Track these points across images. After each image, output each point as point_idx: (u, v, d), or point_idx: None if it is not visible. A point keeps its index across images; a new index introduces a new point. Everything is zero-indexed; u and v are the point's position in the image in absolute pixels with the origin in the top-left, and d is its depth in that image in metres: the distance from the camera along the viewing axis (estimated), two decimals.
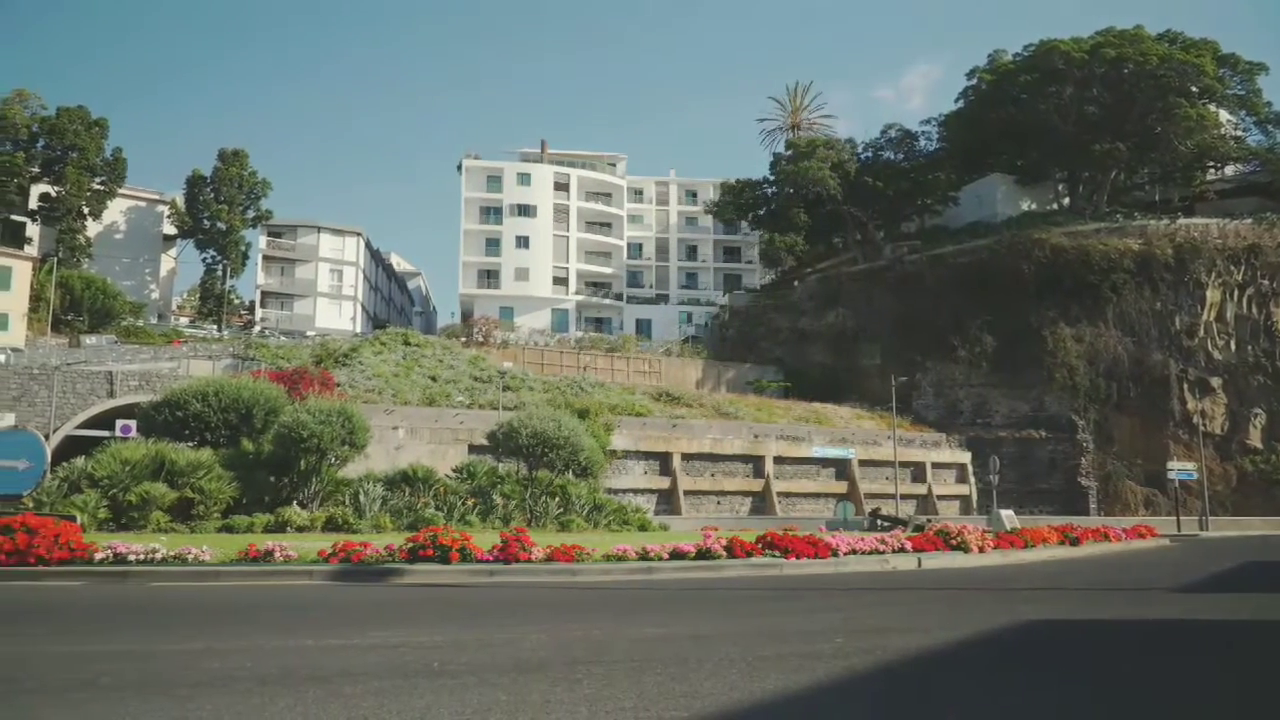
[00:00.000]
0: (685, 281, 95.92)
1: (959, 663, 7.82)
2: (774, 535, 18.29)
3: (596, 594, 13.45)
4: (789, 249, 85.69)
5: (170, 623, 9.97)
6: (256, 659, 7.20)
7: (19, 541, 13.80)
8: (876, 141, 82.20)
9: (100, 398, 44.98)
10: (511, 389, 54.24)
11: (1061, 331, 63.67)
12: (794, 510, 51.39)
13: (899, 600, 13.26)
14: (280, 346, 61.71)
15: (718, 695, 5.92)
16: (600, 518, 28.38)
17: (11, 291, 60.95)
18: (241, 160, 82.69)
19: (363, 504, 25.14)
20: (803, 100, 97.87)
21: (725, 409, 59.54)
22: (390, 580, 14.53)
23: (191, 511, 23.50)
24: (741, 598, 13.17)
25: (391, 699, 5.71)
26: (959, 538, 20.81)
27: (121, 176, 79.34)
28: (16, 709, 5.37)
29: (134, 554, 14.42)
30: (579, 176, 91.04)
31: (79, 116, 75.84)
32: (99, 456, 24.56)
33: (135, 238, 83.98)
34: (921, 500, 56.16)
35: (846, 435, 58.04)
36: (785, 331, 75.78)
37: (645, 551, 16.76)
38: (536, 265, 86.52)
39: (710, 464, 52.65)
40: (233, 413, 28.18)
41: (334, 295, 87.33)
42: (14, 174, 73.13)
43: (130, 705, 5.49)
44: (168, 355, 56.75)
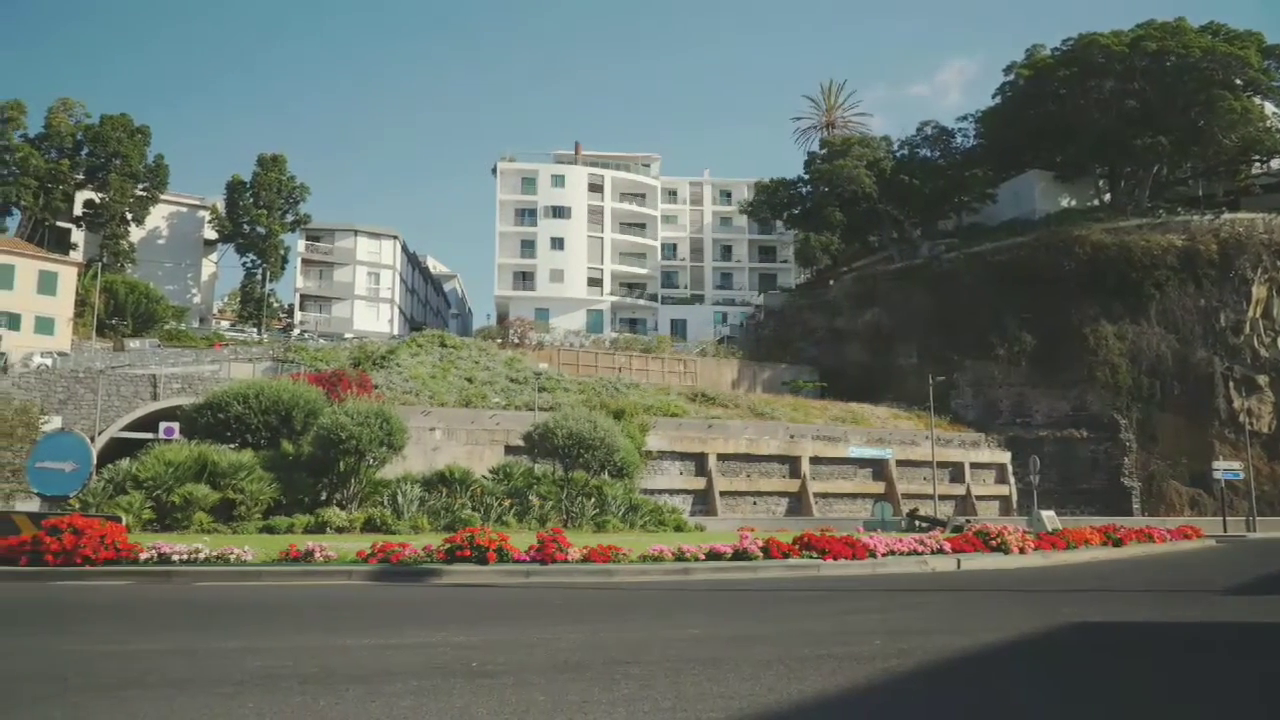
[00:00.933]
0: (720, 281, 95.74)
1: (1000, 665, 7.72)
2: (811, 536, 18.18)
3: (633, 595, 13.45)
4: (824, 248, 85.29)
5: (214, 622, 10.11)
6: (298, 658, 7.28)
7: (66, 542, 14.05)
8: (912, 139, 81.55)
9: (144, 400, 45.74)
10: (547, 390, 54.43)
11: (1103, 329, 62.73)
12: (831, 511, 51.09)
13: (938, 602, 13.12)
14: (319, 349, 62.41)
15: (756, 697, 5.89)
16: (636, 518, 28.39)
17: (57, 297, 62.18)
18: (280, 165, 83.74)
19: (401, 505, 25.34)
20: (837, 99, 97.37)
21: (761, 409, 59.32)
22: (428, 581, 14.63)
23: (233, 512, 23.83)
24: (779, 599, 13.11)
25: (430, 698, 5.74)
26: (999, 539, 20.56)
27: (163, 183, 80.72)
28: (67, 707, 5.48)
29: (178, 554, 14.65)
30: (613, 177, 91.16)
31: (122, 124, 77.22)
32: (143, 458, 24.99)
33: (177, 243, 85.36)
34: (960, 501, 55.61)
35: (883, 435, 57.60)
36: (821, 331, 75.36)
37: (681, 552, 16.73)
38: (571, 266, 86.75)
39: (746, 464, 52.49)
40: (273, 415, 28.52)
41: (371, 298, 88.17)
42: (59, 181, 74.66)
43: (176, 703, 5.58)
44: (209, 358, 57.58)
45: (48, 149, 76.00)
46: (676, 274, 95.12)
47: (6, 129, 74.58)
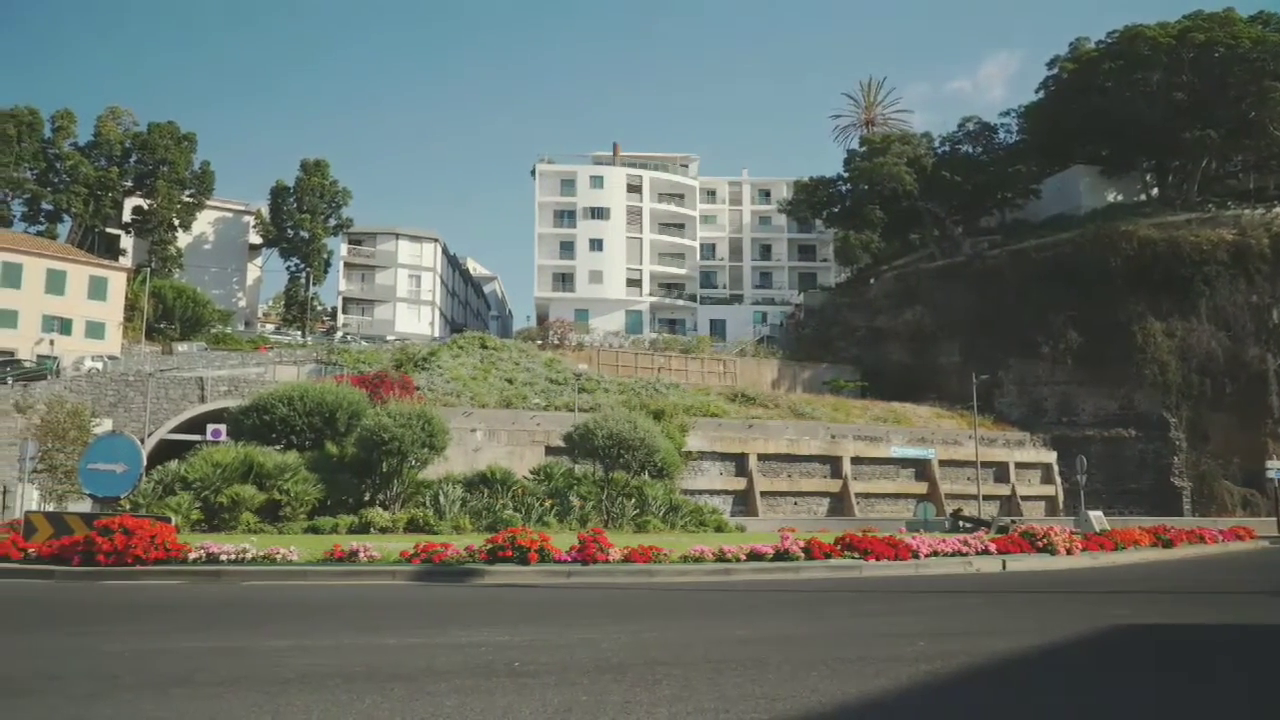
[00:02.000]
0: (759, 281, 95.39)
1: (1048, 668, 7.61)
2: (853, 537, 18.06)
3: (674, 595, 13.44)
4: (864, 246, 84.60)
5: (261, 621, 10.26)
6: (343, 657, 7.37)
7: (118, 542, 14.33)
8: (954, 135, 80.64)
9: (192, 403, 46.55)
10: (587, 391, 54.58)
11: (1151, 326, 61.56)
12: (872, 511, 50.68)
13: (983, 603, 12.97)
14: (361, 351, 63.14)
15: (798, 698, 5.86)
16: (676, 519, 28.36)
17: (108, 302, 63.51)
18: (323, 170, 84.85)
19: (443, 505, 25.52)
20: (877, 95, 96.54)
21: (801, 409, 59.00)
22: (471, 581, 14.73)
23: (279, 513, 24.17)
24: (820, 600, 13.04)
25: (474, 698, 5.78)
26: (1045, 539, 20.28)
27: (209, 189, 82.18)
28: (119, 704, 5.59)
29: (226, 554, 14.90)
30: (651, 178, 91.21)
31: (169, 131, 78.71)
32: (191, 460, 25.44)
33: (223, 248, 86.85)
34: (1005, 501, 54.90)
35: (926, 435, 57.03)
36: (861, 330, 74.77)
37: (722, 553, 16.69)
38: (610, 267, 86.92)
39: (787, 465, 52.24)
40: (317, 416, 28.87)
41: (412, 300, 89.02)
42: (109, 189, 76.25)
43: (225, 701, 5.66)
44: (255, 361, 58.46)
45: (97, 157, 77.69)
46: (715, 274, 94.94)
47: (57, 138, 76.37)
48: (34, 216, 75.16)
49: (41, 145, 75.21)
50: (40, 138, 75.31)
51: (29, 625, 9.82)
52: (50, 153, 75.58)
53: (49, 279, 60.74)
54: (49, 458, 34.06)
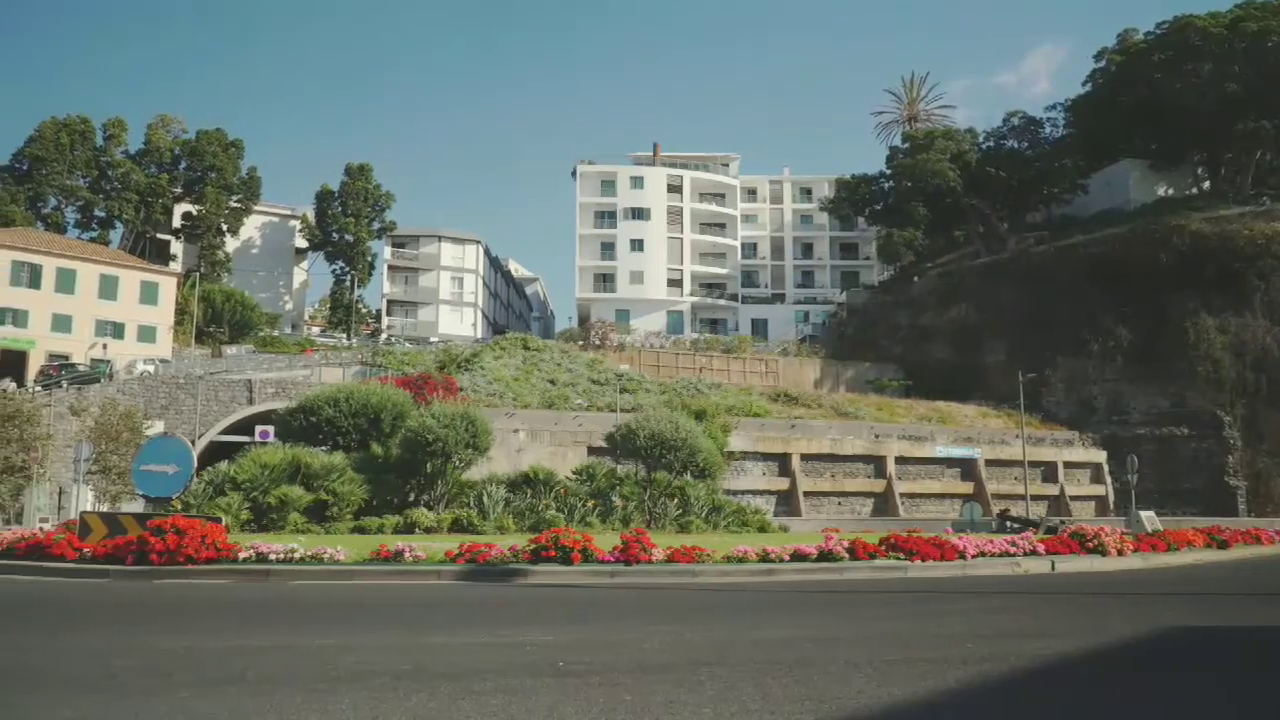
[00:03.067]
0: (801, 280, 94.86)
1: (1100, 671, 7.48)
2: (898, 537, 17.88)
3: (717, 595, 13.41)
4: (908, 244, 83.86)
5: (310, 620, 10.40)
6: (391, 655, 7.45)
7: (170, 542, 14.61)
8: (998, 130, 79.60)
9: (240, 405, 47.33)
10: (628, 391, 54.65)
11: (1204, 322, 60.25)
12: (917, 512, 50.21)
13: (1031, 605, 12.79)
14: (405, 353, 63.80)
15: (844, 700, 5.82)
16: (719, 519, 28.30)
17: (159, 306, 64.78)
18: (366, 174, 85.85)
19: (486, 506, 25.71)
20: (919, 91, 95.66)
21: (844, 409, 58.60)
22: (515, 580, 14.81)
23: (326, 513, 24.49)
24: (865, 600, 12.94)
25: (519, 697, 5.81)
26: (1095, 540, 19.92)
27: (256, 194, 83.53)
28: (173, 702, 5.70)
29: (274, 553, 15.13)
30: (691, 178, 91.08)
31: (216, 138, 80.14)
32: (240, 461, 25.87)
33: (270, 252, 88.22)
34: (1053, 501, 54.07)
35: (971, 434, 56.35)
36: (905, 328, 74.09)
37: (766, 553, 16.62)
38: (651, 268, 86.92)
39: (830, 465, 51.91)
40: (362, 418, 29.21)
41: (455, 302, 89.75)
42: (159, 195, 77.83)
43: (275, 699, 5.75)
44: (301, 363, 59.31)
45: (148, 164, 79.32)
46: (757, 273, 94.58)
47: (109, 146, 78.09)
48: (87, 223, 76.93)
49: (94, 153, 76.94)
50: (93, 146, 77.05)
51: (86, 624, 10.05)
52: (102, 160, 77.29)
53: (102, 284, 62.09)
54: (103, 459, 34.82)
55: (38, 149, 73.55)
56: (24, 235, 63.21)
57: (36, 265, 59.41)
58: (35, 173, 73.24)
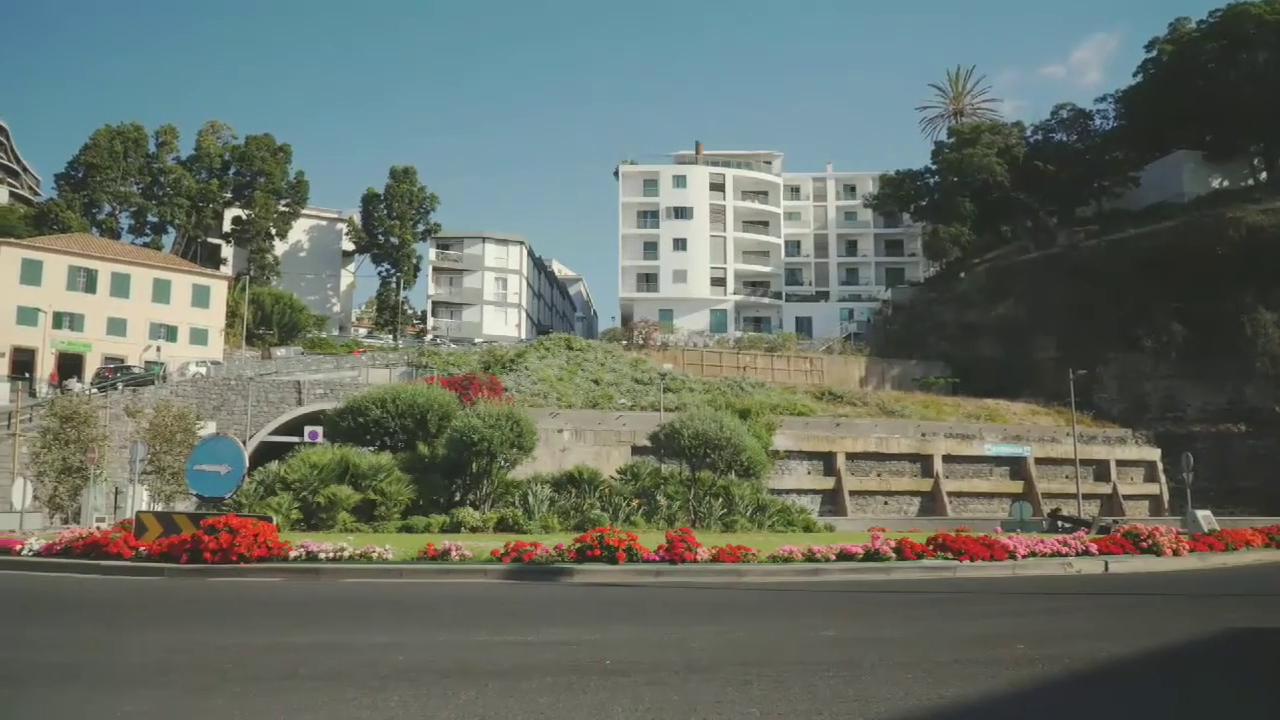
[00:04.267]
0: (845, 277, 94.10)
1: (1157, 673, 7.33)
2: (946, 536, 17.65)
3: (763, 595, 13.34)
4: (954, 240, 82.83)
5: (359, 618, 10.52)
6: (438, 653, 7.51)
7: (223, 541, 14.87)
8: (1046, 123, 78.40)
9: (290, 406, 48.05)
10: (672, 390, 54.62)
11: (1261, 317, 58.78)
12: (965, 511, 49.61)
13: (1084, 606, 12.56)
14: (450, 354, 64.35)
15: (893, 701, 5.76)
16: (764, 518, 28.17)
17: (210, 309, 65.96)
18: (411, 177, 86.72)
19: (531, 505, 25.84)
20: (965, 85, 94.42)
21: (890, 407, 58.07)
22: (560, 579, 14.85)
23: (374, 512, 24.79)
24: (913, 601, 12.79)
25: (566, 695, 5.83)
26: (1150, 540, 19.50)
27: (304, 198, 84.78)
28: (229, 698, 5.80)
29: (324, 552, 15.32)
30: (734, 176, 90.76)
31: (265, 144, 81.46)
32: (290, 461, 26.27)
33: (317, 255, 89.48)
34: (1106, 500, 53.13)
35: (1021, 432, 55.54)
36: (952, 325, 73.22)
37: (811, 553, 16.50)
38: (694, 267, 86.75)
39: (876, 463, 51.46)
40: (409, 418, 29.51)
41: (499, 303, 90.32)
42: (210, 200, 79.31)
43: (327, 695, 5.83)
44: (349, 365, 60.07)
45: (199, 170, 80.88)
46: (800, 271, 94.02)
47: (161, 153, 79.75)
48: (140, 229, 78.62)
49: (146, 160, 78.63)
50: (145, 153, 78.74)
51: (142, 621, 10.26)
52: (155, 167, 78.95)
53: (155, 288, 63.35)
54: (157, 459, 35.50)
55: (92, 157, 75.32)
56: (80, 241, 64.74)
57: (92, 270, 60.79)
58: (90, 180, 75.00)
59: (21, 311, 56.36)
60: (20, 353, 56.26)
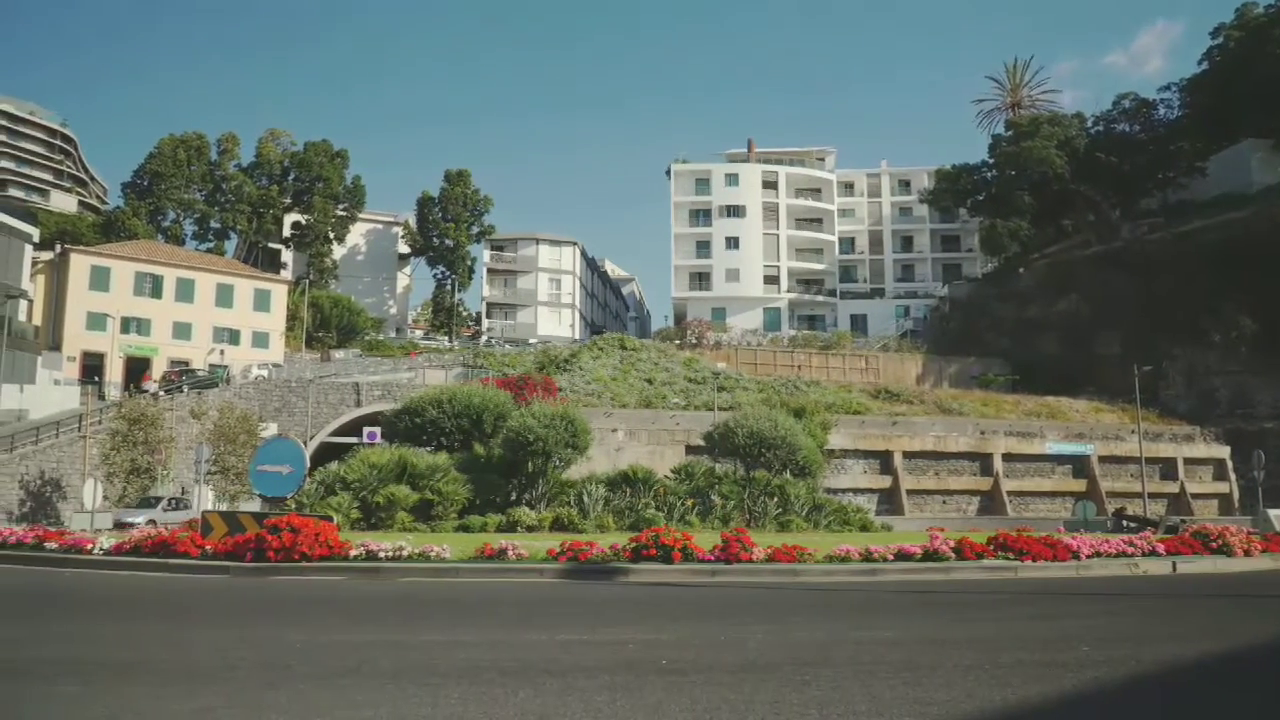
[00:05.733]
0: (900, 274, 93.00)
1: (1227, 676, 7.12)
2: (1007, 536, 17.35)
3: (820, 595, 13.24)
4: (1012, 235, 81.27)
5: (419, 616, 10.65)
6: (497, 651, 7.57)
7: (285, 540, 15.15)
8: (1108, 114, 76.54)
9: (349, 407, 48.81)
10: (726, 389, 54.43)
11: None
12: (1026, 510, 48.70)
13: (1151, 607, 12.26)
14: (505, 354, 64.87)
15: (954, 703, 5.67)
16: (820, 518, 27.98)
17: (271, 313, 67.29)
18: (465, 179, 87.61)
19: (586, 505, 25.95)
20: (1023, 77, 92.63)
21: (948, 405, 57.24)
22: (616, 579, 14.88)
23: (431, 512, 25.09)
24: (974, 601, 12.60)
25: (624, 695, 5.83)
26: (1219, 539, 18.97)
27: (361, 202, 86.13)
28: (293, 694, 5.90)
29: (384, 551, 15.54)
30: (787, 173, 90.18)
31: (323, 149, 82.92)
32: (350, 461, 26.71)
33: (374, 258, 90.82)
34: (1173, 499, 51.79)
35: (1083, 430, 54.36)
36: (1011, 322, 71.92)
37: (869, 552, 16.33)
38: (747, 265, 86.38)
39: (934, 462, 50.77)
40: (464, 418, 29.83)
41: (553, 304, 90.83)
42: (270, 206, 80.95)
43: (388, 691, 5.91)
44: (405, 366, 60.86)
45: (259, 176, 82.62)
46: (855, 268, 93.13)
47: (223, 160, 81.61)
48: (203, 235, 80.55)
49: (209, 167, 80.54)
50: (208, 160, 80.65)
51: (208, 618, 10.49)
52: (217, 174, 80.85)
53: (218, 293, 64.81)
54: (221, 460, 36.35)
55: (157, 165, 77.35)
56: (146, 248, 66.49)
57: (158, 276, 62.37)
58: (155, 188, 77.04)
59: (91, 317, 58.03)
60: (90, 357, 57.94)
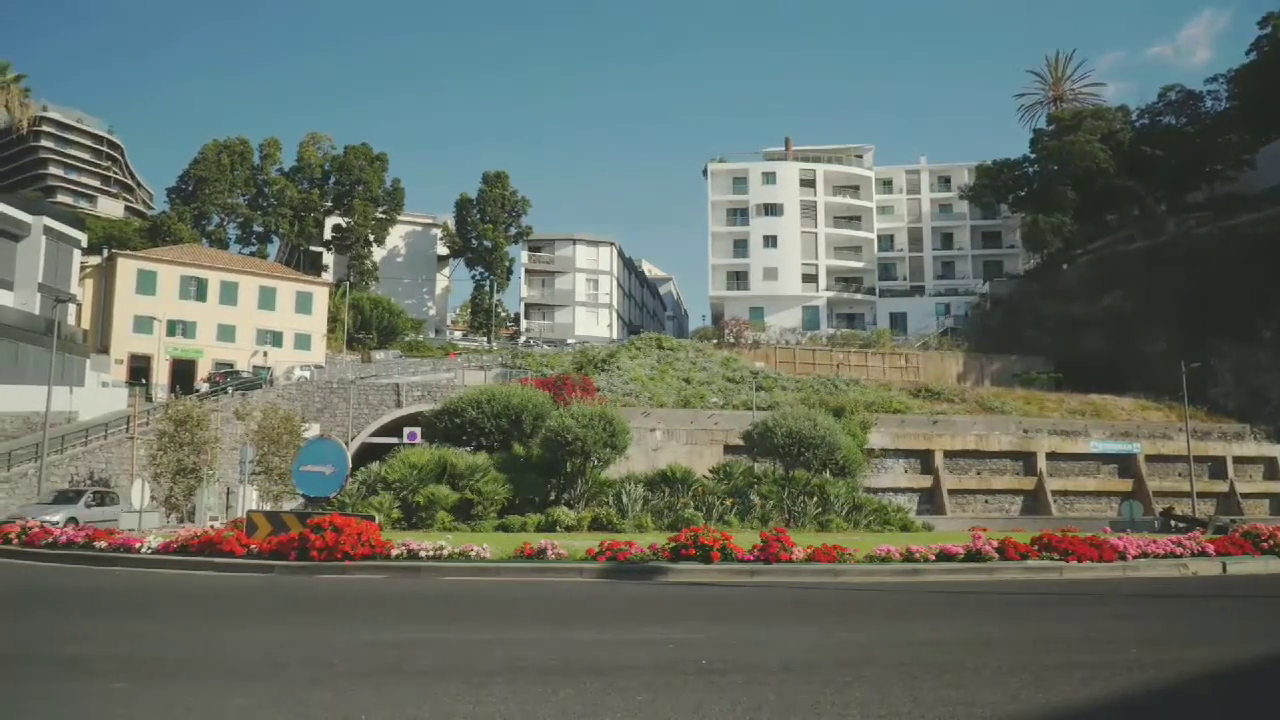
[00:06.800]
0: (941, 271, 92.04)
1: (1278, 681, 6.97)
2: (1051, 536, 17.11)
3: (860, 595, 13.14)
4: (1055, 230, 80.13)
5: (460, 615, 10.72)
6: (538, 650, 7.60)
7: (329, 539, 15.33)
8: (1153, 106, 75.23)
9: (389, 408, 49.29)
10: (764, 389, 54.23)
11: None
12: (1071, 510, 47.99)
13: (1201, 608, 12.03)
14: (543, 355, 65.15)
15: (999, 705, 5.60)
16: (860, 517, 27.77)
17: (313, 315, 68.11)
18: (503, 181, 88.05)
19: (625, 504, 25.97)
20: (1065, 70, 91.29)
21: (990, 403, 56.59)
22: (655, 578, 14.88)
23: (471, 511, 25.25)
24: (1018, 602, 12.44)
25: (664, 694, 5.83)
26: (1271, 540, 18.57)
27: (400, 205, 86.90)
28: (337, 691, 5.97)
29: (424, 551, 15.67)
30: (825, 171, 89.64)
31: (363, 153, 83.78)
32: (391, 461, 26.95)
33: (413, 259, 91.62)
34: (1222, 499, 50.74)
35: (1129, 429, 53.45)
36: (1054, 319, 70.92)
37: (910, 553, 16.18)
38: (785, 264, 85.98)
39: (975, 461, 50.19)
40: (504, 419, 29.98)
41: (590, 304, 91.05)
42: (311, 209, 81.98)
43: (431, 689, 5.96)
44: (445, 367, 61.31)
45: (300, 180, 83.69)
46: (894, 266, 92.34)
47: (265, 165, 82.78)
48: (246, 238, 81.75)
49: (251, 172, 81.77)
50: (250, 165, 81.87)
51: (254, 616, 10.64)
52: (259, 178, 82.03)
53: (261, 295, 65.72)
54: (265, 461, 36.82)
55: (201, 170, 78.65)
56: (191, 252, 67.60)
57: (203, 279, 63.40)
58: (199, 193, 78.34)
59: (137, 320, 59.12)
60: (137, 359, 59.02)
